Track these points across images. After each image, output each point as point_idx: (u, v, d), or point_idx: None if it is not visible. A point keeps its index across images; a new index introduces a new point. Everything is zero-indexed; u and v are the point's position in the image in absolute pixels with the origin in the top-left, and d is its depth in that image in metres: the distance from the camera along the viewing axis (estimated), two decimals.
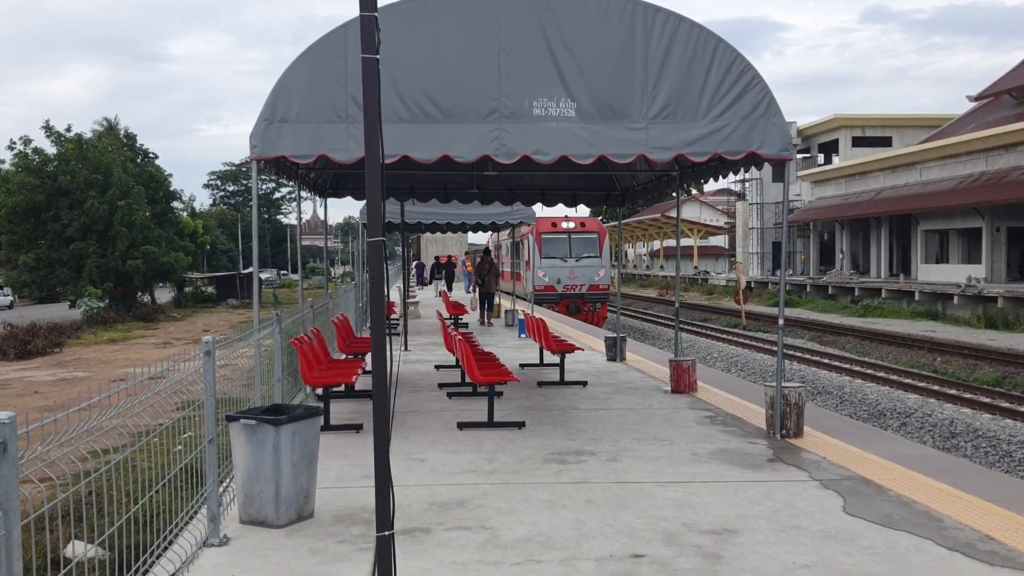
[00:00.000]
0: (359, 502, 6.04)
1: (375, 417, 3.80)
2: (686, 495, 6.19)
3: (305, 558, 4.98)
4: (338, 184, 13.69)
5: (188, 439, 6.25)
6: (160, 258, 39.28)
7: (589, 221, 32.47)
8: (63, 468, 3.63)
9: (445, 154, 7.71)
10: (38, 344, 23.45)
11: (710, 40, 7.89)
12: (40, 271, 37.02)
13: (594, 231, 31.40)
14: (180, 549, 4.87)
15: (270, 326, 7.92)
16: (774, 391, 8.10)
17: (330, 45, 7.65)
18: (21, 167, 36.51)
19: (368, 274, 3.87)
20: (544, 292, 29.86)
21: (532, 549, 5.08)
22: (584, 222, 31.81)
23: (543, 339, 12.00)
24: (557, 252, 30.65)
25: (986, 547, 5.04)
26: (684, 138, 7.90)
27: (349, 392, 10.40)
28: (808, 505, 5.92)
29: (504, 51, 7.73)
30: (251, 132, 7.70)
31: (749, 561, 4.86)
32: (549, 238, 30.81)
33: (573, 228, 31.12)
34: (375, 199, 3.80)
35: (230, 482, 6.01)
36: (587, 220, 32.56)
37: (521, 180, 13.74)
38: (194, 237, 48.35)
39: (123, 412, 4.04)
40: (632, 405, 9.97)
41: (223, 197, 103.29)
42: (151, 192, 41.50)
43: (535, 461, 7.26)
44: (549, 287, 30.15)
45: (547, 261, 30.37)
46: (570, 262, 30.38)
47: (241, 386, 7.48)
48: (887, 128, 49.28)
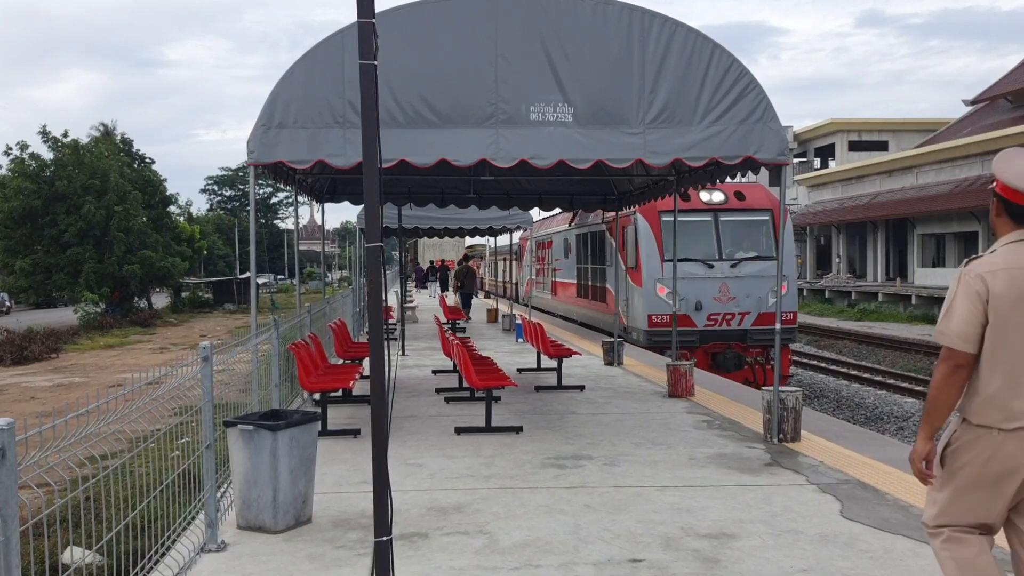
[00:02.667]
0: (357, 507, 6.04)
1: (373, 422, 3.80)
2: (684, 499, 6.19)
3: (303, 563, 4.97)
4: (335, 189, 13.71)
5: (185, 444, 6.25)
6: (157, 263, 39.23)
7: (752, 189, 17.31)
8: (61, 474, 3.63)
9: (442, 158, 7.73)
10: (35, 349, 23.40)
11: (706, 45, 7.91)
12: (37, 276, 36.96)
13: (763, 206, 16.83)
14: (178, 555, 4.86)
15: (268, 331, 7.92)
16: (771, 395, 8.11)
17: (328, 51, 7.66)
18: (18, 172, 36.47)
19: (366, 279, 3.88)
20: (666, 327, 15.27)
21: (530, 554, 5.08)
22: (743, 191, 16.94)
23: (540, 343, 12.00)
24: (691, 248, 16.03)
25: None
26: (681, 143, 7.92)
27: (347, 397, 10.39)
28: (806, 509, 5.93)
29: (501, 56, 7.75)
30: (248, 137, 7.71)
31: (747, 565, 4.86)
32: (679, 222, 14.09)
33: (723, 202, 16.57)
34: (373, 204, 3.80)
35: (228, 487, 6.01)
36: (749, 188, 17.33)
37: (518, 185, 13.76)
38: (191, 242, 48.32)
39: (120, 418, 4.03)
40: (630, 409, 9.97)
41: (220, 202, 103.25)
42: (148, 197, 41.47)
43: (533, 466, 7.25)
44: (679, 318, 13.92)
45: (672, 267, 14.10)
46: (720, 268, 16.03)
47: (238, 391, 7.47)
48: (883, 132, 49.45)
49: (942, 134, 42.45)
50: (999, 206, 3.39)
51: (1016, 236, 3.33)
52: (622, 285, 17.63)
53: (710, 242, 16.39)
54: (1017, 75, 38.87)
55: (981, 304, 3.22)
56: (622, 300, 17.62)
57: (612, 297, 18.51)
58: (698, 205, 16.46)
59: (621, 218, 16.44)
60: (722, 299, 15.95)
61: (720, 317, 15.94)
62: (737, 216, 16.63)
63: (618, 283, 17.77)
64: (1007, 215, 3.36)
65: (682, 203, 15.30)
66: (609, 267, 18.96)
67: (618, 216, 15.40)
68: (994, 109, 40.25)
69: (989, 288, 3.22)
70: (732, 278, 16.04)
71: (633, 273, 17.04)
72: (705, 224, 16.52)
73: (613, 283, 18.24)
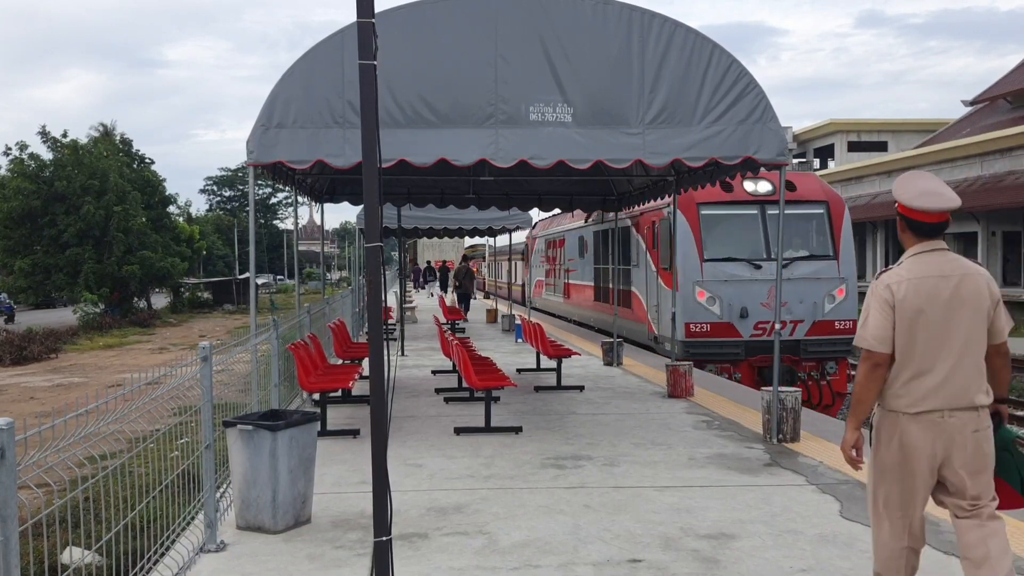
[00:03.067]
0: (356, 507, 6.04)
1: (372, 422, 3.80)
2: (683, 500, 6.19)
3: (302, 564, 4.97)
4: (335, 189, 13.70)
5: (185, 445, 6.25)
6: (156, 263, 39.20)
7: (803, 178, 15.28)
8: (60, 474, 3.62)
9: (442, 158, 7.73)
10: (34, 350, 23.38)
11: (706, 45, 7.91)
12: (36, 277, 36.93)
13: (817, 197, 14.75)
14: (177, 555, 4.86)
15: (267, 331, 7.92)
16: (770, 396, 8.11)
17: (327, 51, 7.66)
18: (17, 172, 36.45)
19: (365, 279, 3.88)
20: (706, 338, 14.03)
21: (530, 554, 5.08)
22: (793, 180, 14.76)
23: (540, 344, 12.00)
24: (734, 246, 14.31)
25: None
26: (680, 143, 7.92)
27: (346, 397, 10.39)
28: (805, 509, 5.93)
29: (501, 56, 7.75)
30: (248, 137, 7.71)
31: (746, 565, 4.86)
32: (716, 215, 14.38)
33: (771, 193, 14.39)
34: (372, 204, 3.80)
35: (227, 488, 6.01)
36: (800, 176, 15.31)
37: (518, 185, 13.75)
38: (191, 242, 48.27)
39: (120, 418, 4.03)
40: (629, 410, 9.97)
41: (220, 202, 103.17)
42: (147, 197, 41.45)
43: (532, 466, 7.25)
44: (720, 325, 13.97)
45: (713, 267, 14.08)
46: (768, 269, 13.93)
47: (238, 391, 7.47)
48: (883, 132, 49.44)
49: (941, 135, 42.47)
50: (902, 224, 3.91)
51: (919, 248, 3.84)
52: (652, 288, 15.97)
53: (756, 239, 14.34)
54: (1016, 76, 38.89)
55: (890, 311, 3.75)
56: (651, 305, 15.94)
57: (639, 302, 16.91)
58: (741, 196, 14.30)
59: (651, 212, 15.15)
60: (771, 305, 13.49)
61: (769, 326, 13.19)
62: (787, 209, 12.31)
63: (647, 286, 16.25)
64: (910, 231, 3.88)
65: (723, 194, 14.05)
66: (635, 267, 17.13)
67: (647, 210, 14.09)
68: (993, 110, 40.27)
69: (895, 296, 3.75)
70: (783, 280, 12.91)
71: (667, 275, 14.70)
72: (750, 218, 14.40)
73: (642, 286, 16.66)
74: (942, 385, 3.69)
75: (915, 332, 3.72)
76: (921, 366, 3.72)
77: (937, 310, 3.72)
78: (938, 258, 3.79)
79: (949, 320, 3.72)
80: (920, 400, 3.71)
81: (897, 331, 3.74)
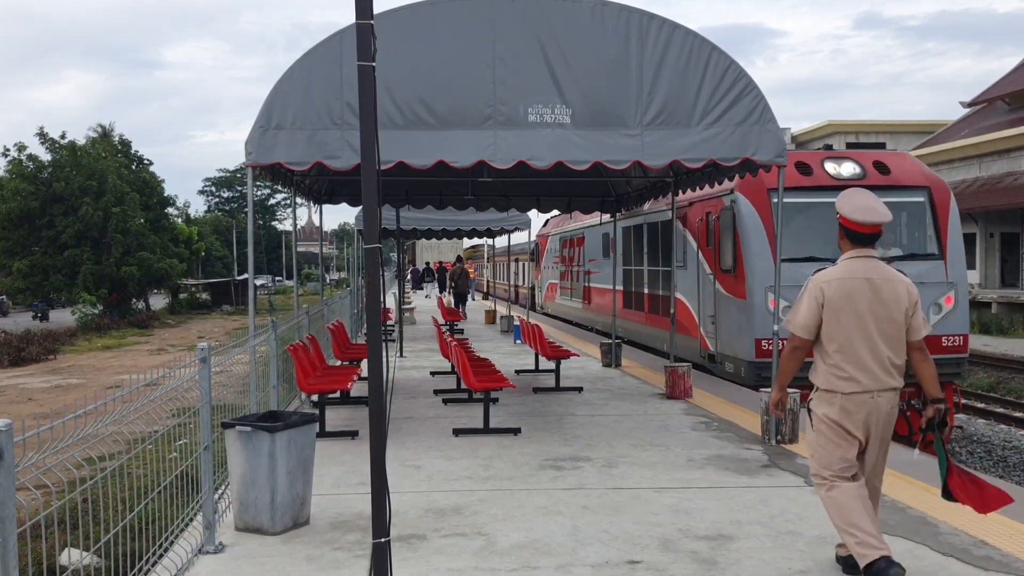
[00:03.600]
0: (355, 509, 6.03)
1: (371, 423, 3.81)
2: (682, 501, 6.20)
3: (301, 565, 4.97)
4: (334, 190, 13.71)
5: (183, 446, 6.24)
6: (155, 264, 39.19)
7: (897, 159, 12.92)
8: (58, 475, 3.62)
9: (440, 159, 7.73)
10: (32, 351, 23.37)
11: (704, 47, 7.92)
12: (35, 278, 36.91)
13: (916, 182, 12.48)
14: (176, 556, 4.86)
15: (265, 333, 7.92)
16: (769, 397, 8.11)
17: (326, 52, 7.67)
18: (15, 174, 36.43)
19: (364, 280, 3.88)
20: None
21: (528, 555, 5.08)
22: (885, 161, 12.63)
23: (538, 345, 12.00)
24: (817, 243, 11.70)
25: (981, 552, 5.05)
26: (679, 144, 7.93)
27: (345, 399, 10.39)
28: (803, 510, 5.93)
29: (499, 58, 7.76)
30: (247, 139, 7.71)
31: (745, 567, 4.87)
32: (794, 205, 11.65)
33: (858, 176, 12.24)
34: (371, 206, 3.81)
35: (226, 489, 6.00)
36: (892, 157, 12.99)
37: (516, 186, 13.76)
38: (189, 243, 48.25)
39: (118, 419, 4.03)
40: (627, 411, 9.97)
41: (218, 203, 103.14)
42: (145, 198, 41.44)
43: (531, 467, 7.25)
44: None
45: (791, 269, 10.83)
46: None
47: (236, 393, 7.47)
48: (881, 134, 49.43)
49: (939, 136, 42.49)
50: (841, 232, 4.68)
51: (852, 254, 4.62)
52: (707, 295, 13.42)
53: None
54: (1015, 77, 38.93)
55: (818, 306, 4.56)
56: (705, 316, 13.52)
57: (687, 311, 14.23)
58: (823, 181, 11.95)
59: (704, 201, 12.67)
60: None
61: None
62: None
63: (700, 292, 13.69)
64: (847, 238, 4.66)
65: (800, 177, 11.74)
66: (681, 269, 14.47)
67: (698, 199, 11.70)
68: (991, 111, 40.30)
69: (825, 295, 4.54)
70: None
71: (730, 279, 12.34)
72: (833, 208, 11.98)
73: (691, 292, 14.10)
74: (863, 369, 4.46)
75: (840, 324, 4.51)
76: (846, 352, 4.49)
77: (859, 307, 4.48)
78: (866, 263, 4.56)
79: (869, 317, 4.48)
80: (848, 378, 4.49)
81: (825, 322, 4.53)
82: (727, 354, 12.70)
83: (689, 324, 14.28)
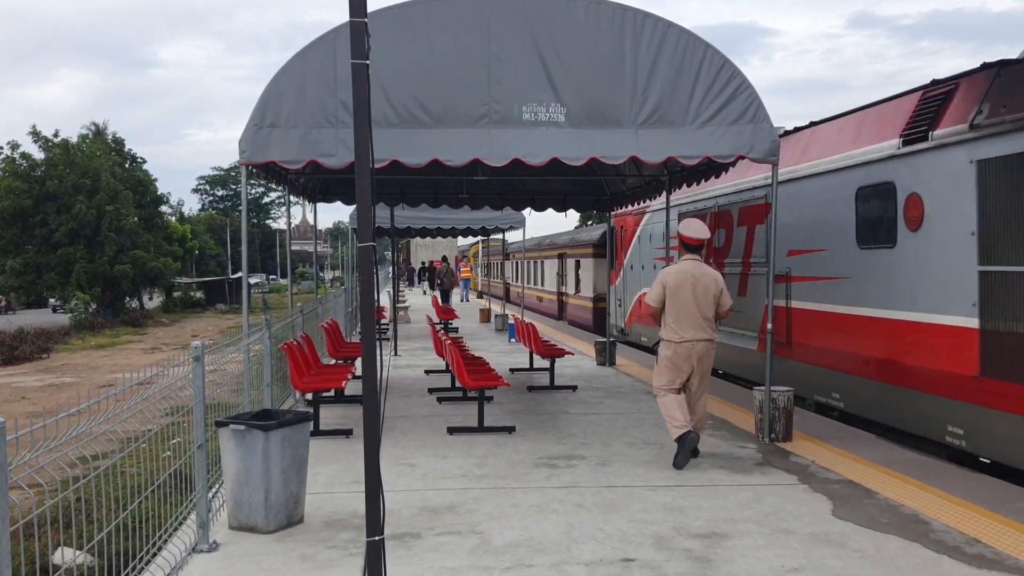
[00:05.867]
0: (349, 507, 6.03)
1: (365, 422, 3.80)
2: (676, 499, 6.21)
3: (295, 564, 4.97)
4: (328, 189, 13.69)
5: (177, 445, 6.23)
6: (149, 263, 39.10)
7: None
8: (52, 474, 3.62)
9: (435, 158, 7.73)
10: (25, 349, 23.31)
11: (698, 46, 7.92)
12: (28, 276, 36.82)
13: None
14: (169, 555, 4.86)
15: (260, 331, 7.91)
16: (763, 395, 8.13)
17: (320, 50, 7.65)
18: (8, 172, 36.32)
19: (358, 279, 3.88)
20: None
21: (522, 554, 5.08)
22: None
23: (533, 344, 12.01)
24: None
25: (973, 550, 5.07)
26: (673, 143, 7.94)
27: (339, 397, 10.39)
28: (797, 508, 5.95)
29: (494, 57, 7.75)
30: (240, 137, 7.69)
31: (739, 565, 4.88)
32: None
33: None
34: (365, 204, 3.80)
35: (219, 488, 6.00)
36: None
37: (511, 185, 13.76)
38: (183, 242, 48.14)
39: (111, 418, 4.02)
40: (622, 409, 9.98)
41: (212, 202, 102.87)
42: (139, 197, 41.34)
43: (525, 466, 7.26)
44: None
45: None
46: None
47: (230, 391, 7.46)
48: None
49: None
50: (680, 243, 7.45)
51: (685, 257, 7.37)
52: None
53: None
54: None
55: (662, 288, 7.26)
56: None
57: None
58: None
59: None
60: None
61: None
62: None
63: None
64: (683, 247, 7.43)
65: None
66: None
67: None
68: None
69: (667, 281, 7.25)
70: None
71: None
72: None
73: None
74: (688, 327, 7.17)
75: (675, 300, 7.20)
76: (678, 318, 7.20)
77: (686, 291, 7.17)
78: (693, 264, 7.29)
79: (691, 296, 7.17)
80: (678, 334, 7.20)
81: (667, 299, 7.23)
82: None
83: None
